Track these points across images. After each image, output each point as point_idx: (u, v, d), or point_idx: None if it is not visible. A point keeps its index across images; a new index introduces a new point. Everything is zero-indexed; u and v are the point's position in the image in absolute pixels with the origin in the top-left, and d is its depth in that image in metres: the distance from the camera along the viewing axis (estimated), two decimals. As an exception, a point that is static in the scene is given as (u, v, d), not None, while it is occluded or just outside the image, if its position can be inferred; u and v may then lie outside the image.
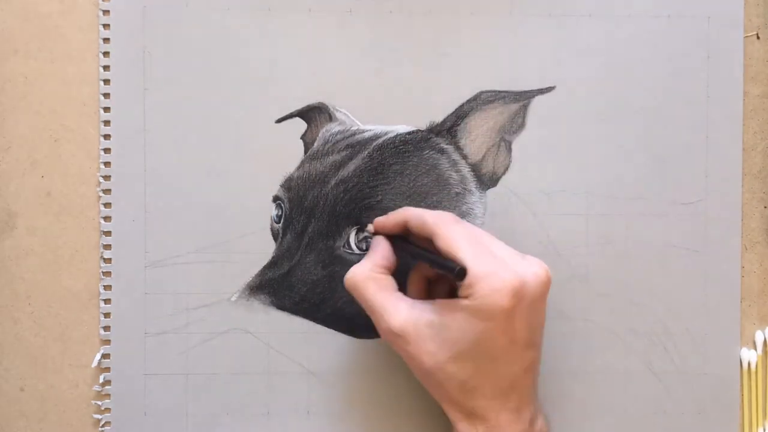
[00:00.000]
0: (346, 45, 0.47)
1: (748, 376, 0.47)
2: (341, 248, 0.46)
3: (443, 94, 0.47)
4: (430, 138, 0.47)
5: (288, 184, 0.47)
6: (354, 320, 0.47)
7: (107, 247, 0.47)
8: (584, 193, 0.47)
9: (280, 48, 0.47)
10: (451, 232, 0.39)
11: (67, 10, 0.47)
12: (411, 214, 0.41)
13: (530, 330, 0.39)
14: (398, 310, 0.39)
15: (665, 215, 0.47)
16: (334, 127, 0.47)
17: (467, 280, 0.38)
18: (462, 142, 0.47)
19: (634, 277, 0.47)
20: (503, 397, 0.39)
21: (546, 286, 0.39)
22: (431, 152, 0.47)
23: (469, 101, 0.47)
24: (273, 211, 0.47)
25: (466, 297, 0.38)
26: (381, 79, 0.47)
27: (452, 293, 0.41)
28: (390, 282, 0.41)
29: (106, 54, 0.47)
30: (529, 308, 0.38)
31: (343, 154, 0.47)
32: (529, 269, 0.39)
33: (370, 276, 0.41)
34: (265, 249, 0.47)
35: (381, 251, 0.42)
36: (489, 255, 0.39)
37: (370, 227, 0.44)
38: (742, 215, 0.48)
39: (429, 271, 0.43)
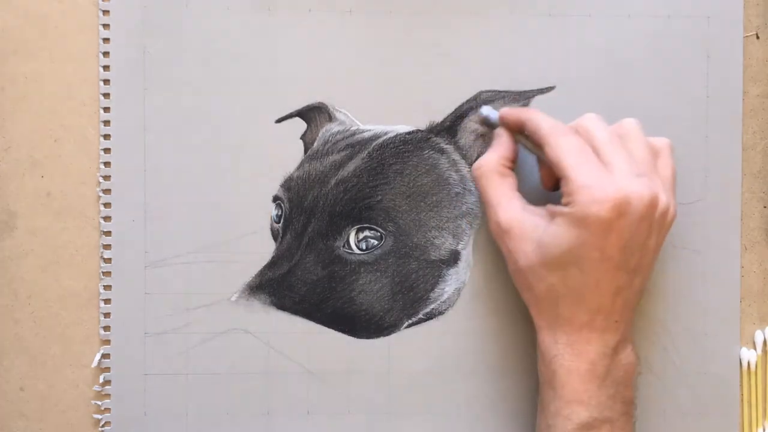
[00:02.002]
0: (346, 45, 0.47)
1: (747, 376, 0.47)
2: (341, 248, 0.46)
3: (443, 94, 0.47)
4: (430, 138, 0.47)
5: (288, 184, 0.47)
6: (354, 320, 0.47)
7: (107, 247, 0.47)
8: (584, 193, 0.47)
9: (280, 48, 0.47)
10: (562, 142, 0.40)
11: (67, 10, 0.47)
12: (529, 117, 0.42)
13: (626, 251, 0.39)
14: (511, 207, 0.42)
15: (665, 215, 0.47)
16: (334, 127, 0.47)
17: (569, 187, 0.39)
18: (462, 142, 0.47)
19: (634, 277, 0.47)
20: (588, 314, 0.40)
21: (649, 207, 0.39)
22: (431, 152, 0.47)
23: (468, 101, 0.47)
24: (273, 211, 0.47)
25: (566, 204, 0.39)
26: (381, 79, 0.47)
27: None
28: (512, 179, 0.43)
29: (106, 54, 0.47)
30: (628, 226, 0.39)
31: (343, 154, 0.47)
32: (637, 188, 0.39)
33: (496, 169, 0.43)
34: (265, 249, 0.47)
35: (506, 143, 0.44)
36: (597, 168, 0.39)
37: (493, 114, 0.45)
38: (742, 215, 0.48)
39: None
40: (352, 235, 0.46)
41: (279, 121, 0.47)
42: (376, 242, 0.46)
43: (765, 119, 0.48)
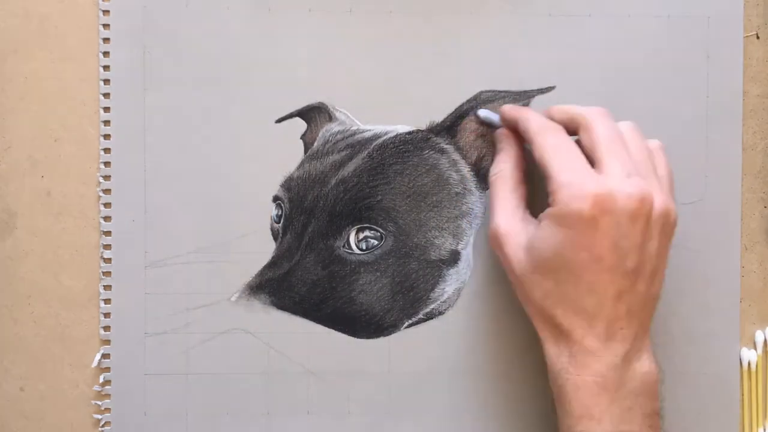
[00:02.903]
0: (346, 45, 0.47)
1: (748, 376, 0.47)
2: (341, 248, 0.46)
3: (443, 94, 0.47)
4: (430, 138, 0.47)
5: (288, 184, 0.47)
6: (354, 320, 0.47)
7: (107, 247, 0.47)
8: (584, 193, 0.47)
9: (280, 48, 0.47)
10: (549, 140, 0.40)
11: (67, 10, 0.47)
12: (520, 116, 0.43)
13: (618, 251, 0.38)
14: (512, 215, 0.41)
15: (665, 215, 0.47)
16: (334, 127, 0.47)
17: (551, 186, 0.39)
18: (462, 142, 0.47)
19: (634, 277, 0.47)
20: (588, 320, 0.39)
21: (640, 206, 0.38)
22: (431, 152, 0.47)
23: (469, 101, 0.47)
24: (273, 211, 0.47)
25: (549, 204, 0.39)
26: (381, 79, 0.47)
27: None
28: (522, 191, 0.43)
29: (106, 54, 0.47)
30: (616, 225, 0.37)
31: (343, 154, 0.47)
32: (625, 187, 0.38)
33: (511, 175, 0.43)
34: (265, 249, 0.47)
35: (516, 149, 0.44)
36: (581, 166, 0.39)
37: (493, 116, 0.45)
38: (742, 215, 0.48)
39: None
40: (352, 235, 0.46)
41: (279, 121, 0.47)
42: (376, 242, 0.46)
43: (765, 119, 0.48)
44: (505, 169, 0.43)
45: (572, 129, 0.42)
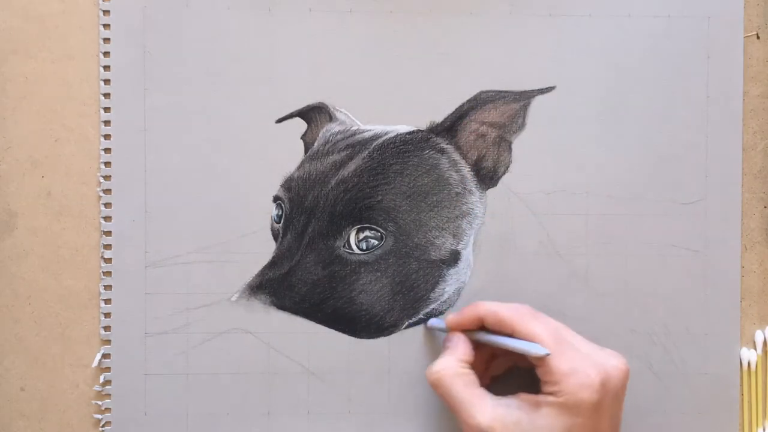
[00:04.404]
0: (346, 45, 0.47)
1: (748, 376, 0.47)
2: (341, 248, 0.46)
3: (443, 94, 0.47)
4: (431, 138, 0.47)
5: (288, 184, 0.47)
6: (354, 320, 0.47)
7: (107, 247, 0.47)
8: (584, 193, 0.47)
9: (280, 48, 0.47)
10: (531, 328, 0.40)
11: (67, 10, 0.47)
12: (485, 312, 0.43)
13: (614, 421, 0.40)
14: (485, 407, 0.40)
15: (665, 215, 0.47)
16: (334, 127, 0.47)
17: (553, 376, 0.39)
18: (462, 142, 0.47)
19: (634, 277, 0.47)
20: None
21: (626, 378, 0.40)
22: (431, 152, 0.47)
23: (469, 101, 0.47)
24: (273, 211, 0.47)
25: (552, 394, 0.39)
26: (381, 79, 0.47)
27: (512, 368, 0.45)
28: (474, 378, 0.42)
29: (106, 54, 0.47)
30: (612, 400, 0.40)
31: (344, 154, 0.47)
32: (610, 362, 0.40)
33: (456, 372, 0.42)
34: (265, 249, 0.47)
35: (462, 346, 0.43)
36: (571, 349, 0.40)
37: (441, 323, 0.45)
38: (742, 215, 0.48)
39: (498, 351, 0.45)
40: (353, 235, 0.46)
41: (279, 121, 0.47)
42: (376, 242, 0.46)
43: (765, 119, 0.48)
44: (448, 364, 0.42)
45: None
